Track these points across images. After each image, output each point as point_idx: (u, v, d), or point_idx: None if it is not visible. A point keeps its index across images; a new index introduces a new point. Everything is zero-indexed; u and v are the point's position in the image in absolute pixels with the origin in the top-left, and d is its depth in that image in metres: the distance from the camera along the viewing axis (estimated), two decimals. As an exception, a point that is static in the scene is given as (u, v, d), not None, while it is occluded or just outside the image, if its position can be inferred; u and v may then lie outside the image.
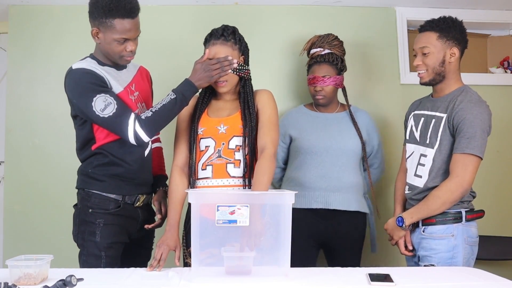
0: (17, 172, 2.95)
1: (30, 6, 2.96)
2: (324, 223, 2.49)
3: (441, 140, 2.05)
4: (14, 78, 2.97)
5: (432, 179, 2.06)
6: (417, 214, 2.06)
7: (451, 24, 2.09)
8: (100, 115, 1.91)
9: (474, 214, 2.07)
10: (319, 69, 2.59)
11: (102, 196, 2.01)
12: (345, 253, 2.53)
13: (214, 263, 1.68)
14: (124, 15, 1.92)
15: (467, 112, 1.98)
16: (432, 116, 2.10)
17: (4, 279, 1.55)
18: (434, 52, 2.07)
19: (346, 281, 1.69)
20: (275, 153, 1.97)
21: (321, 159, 2.52)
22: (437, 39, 2.07)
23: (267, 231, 1.71)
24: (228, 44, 2.02)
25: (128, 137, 1.93)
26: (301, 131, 2.60)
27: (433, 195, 2.01)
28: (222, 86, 2.03)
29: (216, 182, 1.99)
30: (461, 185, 1.96)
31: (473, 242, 2.06)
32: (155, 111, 1.94)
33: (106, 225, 2.00)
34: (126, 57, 2.02)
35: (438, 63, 2.07)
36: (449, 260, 2.00)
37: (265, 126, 2.01)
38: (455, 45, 2.08)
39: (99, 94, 1.91)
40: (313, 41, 2.69)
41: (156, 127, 1.97)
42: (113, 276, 1.72)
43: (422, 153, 2.12)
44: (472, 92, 2.07)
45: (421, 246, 2.08)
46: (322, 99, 2.59)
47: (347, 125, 2.60)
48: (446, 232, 2.02)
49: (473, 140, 1.95)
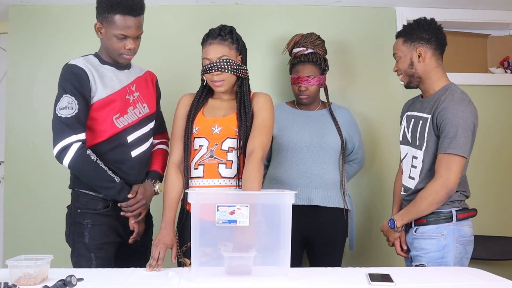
0: (17, 172, 2.95)
1: (30, 6, 2.96)
2: (306, 219, 2.49)
3: (427, 141, 2.06)
4: (14, 78, 2.97)
5: (422, 181, 2.07)
6: (407, 216, 2.07)
7: (415, 26, 2.14)
8: (57, 112, 1.95)
9: (465, 213, 2.07)
10: (304, 69, 2.60)
11: (90, 196, 2.01)
12: (326, 249, 2.53)
13: (209, 262, 1.67)
14: (125, 12, 1.95)
15: (448, 111, 1.99)
16: (420, 117, 2.12)
17: (4, 279, 1.55)
18: (401, 57, 2.15)
19: (346, 281, 1.69)
20: (263, 157, 1.95)
21: (302, 156, 2.53)
22: (402, 44, 2.15)
23: (259, 229, 1.70)
24: (225, 43, 2.02)
25: (54, 148, 1.95)
26: (282, 128, 2.60)
27: (420, 197, 2.02)
28: (218, 86, 2.03)
29: (207, 182, 1.99)
30: (445, 185, 1.97)
31: (466, 241, 2.05)
32: (97, 163, 1.95)
33: (94, 226, 1.99)
34: (124, 55, 2.02)
35: (407, 66, 2.14)
36: (439, 259, 2.00)
37: (256, 130, 2.00)
38: (422, 45, 2.11)
39: (70, 95, 1.94)
40: (296, 40, 2.69)
41: (78, 169, 1.97)
42: (113, 276, 1.71)
43: (414, 155, 2.13)
44: (455, 90, 2.07)
45: (413, 246, 2.09)
46: (306, 98, 2.61)
47: (327, 122, 2.62)
48: (436, 232, 2.02)
49: (455, 140, 1.96)
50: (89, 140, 2.01)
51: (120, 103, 2.04)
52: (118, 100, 2.03)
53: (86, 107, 1.98)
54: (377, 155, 3.06)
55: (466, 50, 3.22)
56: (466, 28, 3.24)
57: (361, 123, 2.97)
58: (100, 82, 2.00)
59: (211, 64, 1.99)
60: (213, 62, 1.99)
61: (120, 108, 2.04)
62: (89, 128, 2.01)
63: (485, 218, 3.10)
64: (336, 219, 2.55)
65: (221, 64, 1.98)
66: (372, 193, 3.04)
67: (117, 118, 2.03)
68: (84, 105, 1.96)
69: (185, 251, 2.00)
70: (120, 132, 2.04)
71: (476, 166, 3.11)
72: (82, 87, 1.96)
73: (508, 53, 3.24)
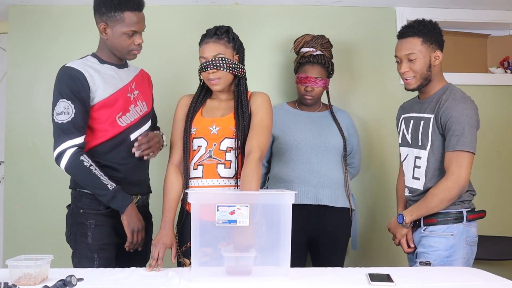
0: (17, 172, 2.95)
1: (30, 6, 2.96)
2: (313, 219, 2.49)
3: (432, 140, 2.06)
4: (14, 78, 2.97)
5: (430, 180, 2.07)
6: (416, 212, 2.07)
7: (431, 28, 2.08)
8: (54, 118, 1.96)
9: (475, 214, 2.08)
10: (313, 69, 2.59)
11: (93, 196, 2.00)
12: (330, 249, 2.54)
13: (209, 262, 1.67)
14: (133, 8, 1.97)
15: (452, 109, 1.99)
16: (421, 118, 2.12)
17: (4, 279, 1.55)
18: (421, 58, 2.06)
19: (346, 281, 1.69)
20: (261, 157, 1.96)
21: (307, 155, 2.53)
22: (421, 44, 2.06)
23: (259, 229, 1.70)
24: (221, 42, 2.03)
25: (54, 152, 1.95)
26: (284, 128, 2.60)
27: (431, 193, 2.02)
28: (215, 84, 2.03)
29: (207, 182, 2.00)
30: (457, 182, 1.97)
31: (473, 242, 2.06)
32: (90, 169, 1.93)
33: (97, 226, 1.99)
34: (134, 51, 2.05)
35: (426, 68, 2.07)
36: (446, 258, 2.00)
37: (254, 130, 2.00)
38: (437, 47, 2.09)
39: (66, 99, 1.94)
40: (306, 40, 2.68)
41: (72, 174, 1.98)
42: (113, 276, 1.71)
43: (417, 156, 2.13)
44: (456, 90, 2.08)
45: (421, 243, 2.09)
46: (311, 99, 2.61)
47: (329, 123, 2.63)
48: (446, 231, 2.03)
49: (462, 137, 1.96)
50: (92, 140, 2.01)
51: (123, 102, 2.04)
52: (121, 99, 2.04)
53: (84, 110, 1.97)
54: (378, 155, 3.06)
55: (466, 50, 3.22)
56: (466, 28, 3.24)
57: (361, 123, 2.98)
58: (101, 82, 2.00)
59: (207, 63, 2.00)
60: (208, 61, 2.00)
61: (123, 107, 2.04)
62: (92, 128, 2.01)
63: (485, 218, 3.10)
64: (341, 219, 2.55)
65: (216, 62, 1.99)
66: (374, 193, 3.04)
67: (119, 117, 2.03)
68: (81, 108, 1.95)
69: (184, 251, 2.00)
70: (123, 130, 2.05)
71: (476, 166, 3.10)
72: (79, 90, 1.95)
73: (508, 53, 3.24)
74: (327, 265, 2.04)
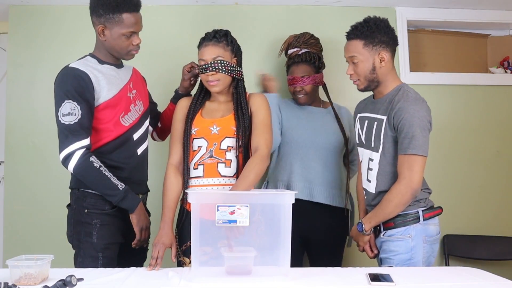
0: (17, 172, 2.95)
1: (30, 6, 2.96)
2: (305, 217, 2.48)
3: (384, 143, 2.03)
4: (14, 78, 2.97)
5: (382, 183, 2.05)
6: (374, 219, 2.05)
7: (375, 28, 2.01)
8: (60, 119, 1.94)
9: (431, 212, 2.05)
10: (297, 69, 2.59)
11: (98, 196, 2.00)
12: (326, 248, 2.53)
13: (209, 261, 1.67)
14: (131, 9, 1.97)
15: (404, 111, 1.95)
16: (374, 118, 2.09)
17: (4, 279, 1.55)
18: (362, 61, 2.02)
19: (346, 281, 1.69)
20: (268, 154, 1.99)
21: (305, 151, 2.53)
22: (363, 47, 2.01)
23: (258, 228, 1.71)
24: (220, 45, 2.05)
25: (60, 154, 1.94)
26: (287, 121, 2.58)
27: (385, 199, 2.00)
28: (213, 85, 2.05)
29: (207, 181, 2.01)
30: (410, 186, 1.94)
31: (432, 241, 2.04)
32: (100, 170, 1.93)
33: (102, 226, 2.00)
34: (132, 51, 2.05)
35: (369, 71, 2.03)
36: (408, 261, 1.99)
37: (258, 128, 2.04)
38: (383, 48, 2.02)
39: (72, 100, 1.92)
40: (289, 41, 2.69)
41: (81, 176, 1.96)
42: (113, 276, 1.71)
43: (370, 157, 2.10)
44: (408, 90, 2.04)
45: (382, 249, 2.08)
46: (302, 98, 2.61)
47: (331, 120, 2.62)
48: (404, 234, 2.01)
49: (414, 140, 1.93)
50: (96, 141, 2.01)
51: (125, 102, 2.05)
52: (123, 99, 2.04)
53: (89, 111, 1.96)
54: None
55: (466, 50, 3.22)
56: (466, 28, 3.24)
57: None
58: (106, 82, 2.00)
59: (206, 65, 2.03)
60: (208, 63, 2.03)
61: (125, 106, 2.05)
62: (96, 128, 2.01)
63: (485, 218, 3.10)
64: (336, 218, 2.55)
65: (215, 65, 2.01)
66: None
67: (122, 116, 2.04)
68: (87, 109, 1.95)
69: (184, 250, 2.01)
70: (127, 130, 2.06)
71: (476, 166, 3.12)
72: (84, 91, 1.94)
73: (508, 53, 3.24)
74: (322, 265, 2.03)
